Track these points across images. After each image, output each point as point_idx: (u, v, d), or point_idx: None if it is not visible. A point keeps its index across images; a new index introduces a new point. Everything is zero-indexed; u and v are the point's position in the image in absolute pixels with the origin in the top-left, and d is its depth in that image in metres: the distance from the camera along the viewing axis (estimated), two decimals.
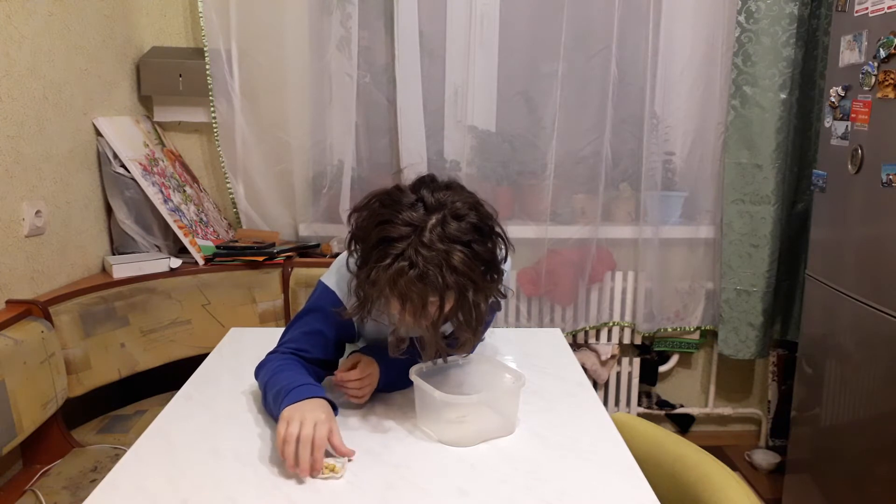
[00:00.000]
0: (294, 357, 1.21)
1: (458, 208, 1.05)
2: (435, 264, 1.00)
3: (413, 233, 1.01)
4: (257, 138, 2.35)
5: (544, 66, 2.39)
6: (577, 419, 1.18)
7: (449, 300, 1.03)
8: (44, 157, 1.83)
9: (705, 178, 2.48)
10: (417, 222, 1.02)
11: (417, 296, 1.01)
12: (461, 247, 1.02)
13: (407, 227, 1.02)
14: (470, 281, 1.03)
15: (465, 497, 0.95)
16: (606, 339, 2.59)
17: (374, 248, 1.03)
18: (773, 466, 2.53)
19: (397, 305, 1.04)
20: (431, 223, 1.02)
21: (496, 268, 1.09)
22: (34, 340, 1.61)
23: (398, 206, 1.04)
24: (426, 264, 1.00)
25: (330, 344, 1.24)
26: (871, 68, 1.72)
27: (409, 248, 1.01)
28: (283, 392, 1.08)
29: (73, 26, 1.96)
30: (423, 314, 1.03)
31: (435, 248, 1.00)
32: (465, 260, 1.02)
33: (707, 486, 0.96)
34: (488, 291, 1.08)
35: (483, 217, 1.07)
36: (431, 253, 1.00)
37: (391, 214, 1.03)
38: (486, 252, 1.06)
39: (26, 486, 1.56)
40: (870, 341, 1.75)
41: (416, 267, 1.00)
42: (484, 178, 2.46)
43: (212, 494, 0.95)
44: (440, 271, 1.00)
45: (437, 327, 1.07)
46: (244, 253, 2.17)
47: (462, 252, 1.02)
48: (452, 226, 1.03)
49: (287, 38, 2.30)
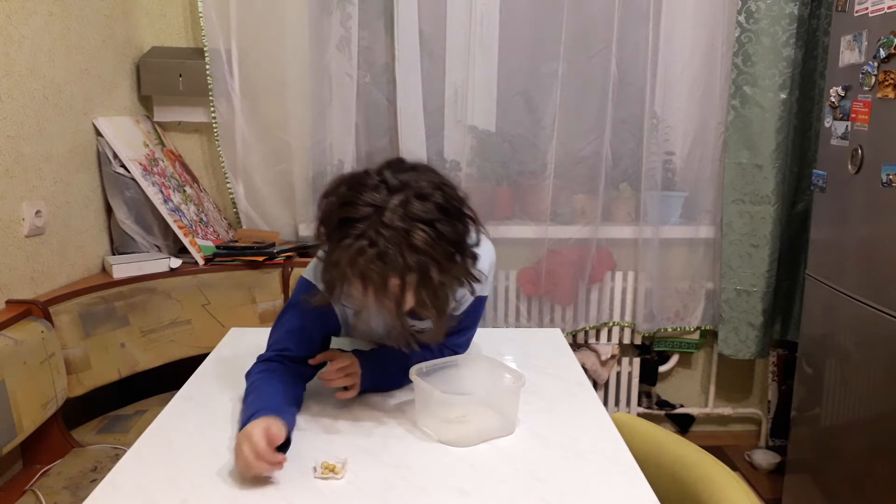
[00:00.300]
0: (276, 364, 1.21)
1: (423, 188, 1.02)
2: (395, 243, 0.97)
3: (374, 213, 0.99)
4: (257, 138, 2.35)
5: (544, 66, 2.39)
6: (577, 419, 1.18)
7: (411, 281, 1.00)
8: (44, 157, 1.83)
9: (705, 178, 2.48)
10: (379, 203, 1.00)
11: (378, 275, 0.98)
12: (423, 226, 0.99)
13: (368, 208, 1.00)
14: (432, 260, 1.00)
15: (465, 497, 0.95)
16: (606, 339, 2.59)
17: (335, 230, 1.02)
18: (773, 466, 2.53)
19: (359, 287, 1.01)
20: (393, 203, 1.00)
21: (464, 249, 1.07)
22: (34, 340, 1.61)
23: (361, 187, 1.02)
24: (386, 243, 0.97)
25: (314, 338, 1.24)
26: (871, 68, 1.72)
27: (370, 229, 0.98)
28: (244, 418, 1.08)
29: (73, 26, 1.96)
30: (385, 295, 1.01)
31: (395, 227, 0.98)
32: (427, 239, 0.99)
33: (707, 486, 0.96)
34: (455, 272, 1.05)
35: (449, 198, 1.05)
36: (391, 232, 0.98)
37: (353, 196, 1.01)
38: (452, 232, 1.03)
39: (26, 486, 1.56)
40: (870, 341, 1.75)
41: (375, 246, 0.98)
42: (484, 178, 2.46)
43: (212, 494, 0.95)
44: (400, 250, 0.97)
45: (401, 308, 1.03)
46: (244, 253, 2.17)
47: (424, 231, 0.99)
48: (415, 205, 1.00)
49: (287, 38, 2.30)
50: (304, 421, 1.16)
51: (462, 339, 1.34)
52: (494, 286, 2.51)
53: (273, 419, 1.02)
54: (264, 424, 1.00)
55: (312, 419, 1.18)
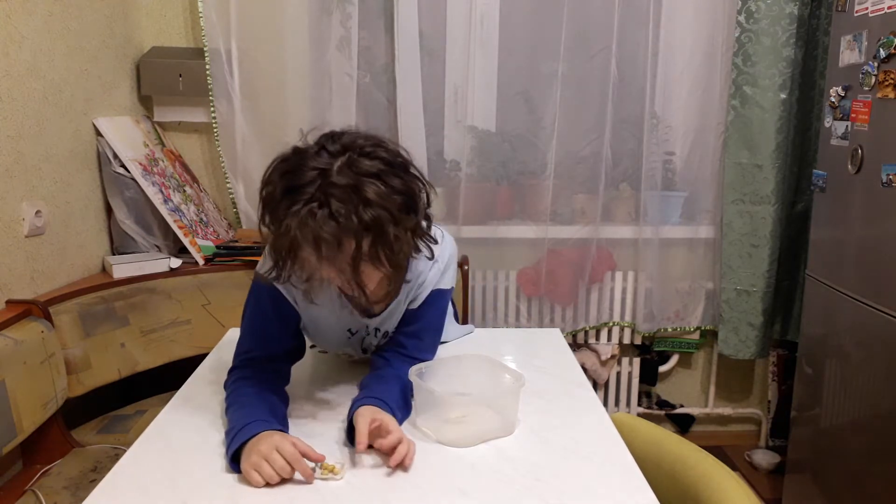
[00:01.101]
0: (247, 371, 1.18)
1: (363, 145, 0.99)
2: (345, 200, 0.93)
3: (319, 175, 0.95)
4: (257, 138, 2.35)
5: (544, 66, 2.39)
6: (577, 419, 1.18)
7: (366, 240, 0.95)
8: (44, 157, 1.83)
9: (705, 178, 2.48)
10: (325, 165, 0.96)
11: (332, 237, 0.93)
12: (372, 179, 0.96)
13: (313, 172, 0.95)
14: (386, 212, 0.96)
15: (465, 497, 0.95)
16: (606, 339, 2.59)
17: (281, 200, 0.96)
18: (773, 466, 2.54)
19: (311, 252, 0.95)
20: (338, 164, 0.96)
21: (415, 203, 1.03)
22: (34, 340, 1.61)
23: (302, 155, 0.99)
24: (338, 202, 0.93)
25: (281, 332, 1.21)
26: (871, 68, 1.72)
27: (318, 191, 0.94)
28: (227, 438, 1.04)
29: (73, 26, 1.96)
30: (339, 258, 0.96)
31: (343, 186, 0.94)
32: (378, 191, 0.95)
33: (707, 486, 0.96)
34: (408, 225, 1.01)
35: (392, 153, 1.02)
36: (341, 190, 0.94)
37: (295, 164, 0.97)
38: (402, 184, 1.00)
39: (26, 486, 1.56)
40: (870, 341, 1.75)
41: (326, 206, 0.93)
42: (484, 178, 2.46)
43: (212, 494, 0.95)
44: (353, 206, 0.93)
45: (357, 271, 0.98)
46: (244, 253, 2.17)
47: (374, 184, 0.96)
48: (362, 162, 0.97)
49: (287, 38, 2.30)
50: (303, 422, 1.16)
51: (425, 344, 1.27)
52: (494, 286, 2.51)
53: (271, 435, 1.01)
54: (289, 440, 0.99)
55: (312, 420, 1.17)
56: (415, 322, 1.25)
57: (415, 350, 1.24)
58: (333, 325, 1.26)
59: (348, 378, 1.33)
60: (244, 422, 1.04)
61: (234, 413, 1.09)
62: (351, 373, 1.36)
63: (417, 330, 1.25)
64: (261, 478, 0.96)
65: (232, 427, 1.05)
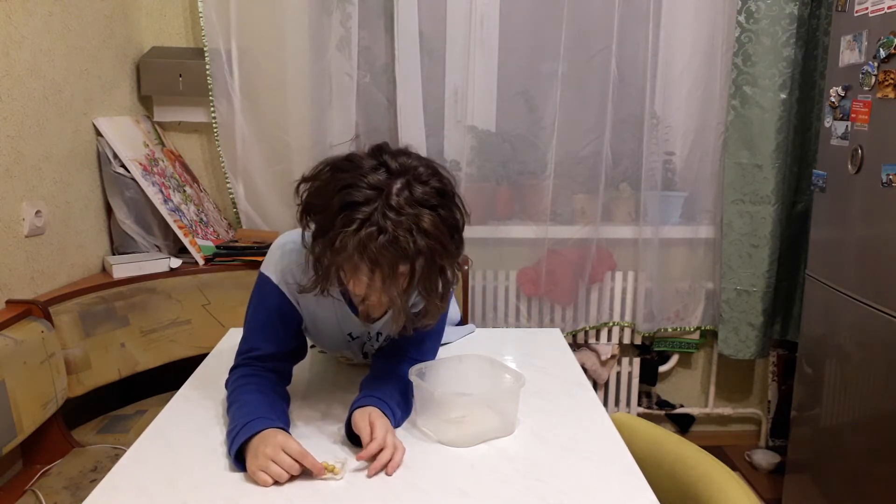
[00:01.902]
0: (248, 369, 1.18)
1: (422, 173, 1.01)
2: (405, 228, 0.95)
3: (379, 196, 0.96)
4: (257, 138, 2.35)
5: (544, 66, 2.39)
6: (577, 419, 1.18)
7: (419, 266, 0.98)
8: (44, 157, 1.83)
9: (705, 178, 2.48)
10: (382, 185, 0.97)
11: (388, 262, 0.95)
12: (429, 211, 0.98)
13: (372, 191, 0.96)
14: (440, 245, 0.98)
15: (465, 497, 0.95)
16: (606, 339, 2.59)
17: (337, 214, 0.97)
18: (773, 466, 2.54)
19: (366, 272, 0.97)
20: (397, 187, 0.97)
21: (460, 234, 1.05)
22: (34, 340, 1.61)
23: (359, 169, 0.99)
24: (396, 229, 0.95)
25: (283, 332, 1.22)
26: (871, 68, 1.72)
27: (377, 213, 0.95)
28: (230, 441, 1.05)
29: (73, 26, 1.96)
30: (392, 282, 0.98)
31: (404, 213, 0.96)
32: (434, 222, 0.97)
33: (707, 486, 0.96)
34: (455, 257, 1.04)
35: (445, 182, 1.03)
36: (401, 217, 0.95)
37: (353, 178, 0.98)
38: (451, 217, 1.02)
39: (26, 486, 1.56)
40: (870, 341, 1.75)
41: (385, 232, 0.94)
42: (484, 178, 2.46)
43: (212, 494, 0.95)
44: (411, 235, 0.95)
45: (408, 295, 1.01)
46: (244, 253, 2.17)
47: (430, 216, 0.98)
48: (418, 189, 0.98)
49: (287, 38, 2.29)
50: (303, 422, 1.16)
51: (426, 347, 1.28)
52: (494, 286, 2.51)
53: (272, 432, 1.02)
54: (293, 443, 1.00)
55: (312, 420, 1.17)
56: (416, 325, 1.24)
57: (415, 353, 1.24)
58: (335, 329, 1.26)
59: (348, 379, 1.33)
60: (246, 419, 1.04)
61: (237, 411, 1.10)
62: (351, 373, 1.36)
63: (420, 335, 1.24)
64: (269, 478, 0.97)
65: (234, 425, 1.05)
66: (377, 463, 1.00)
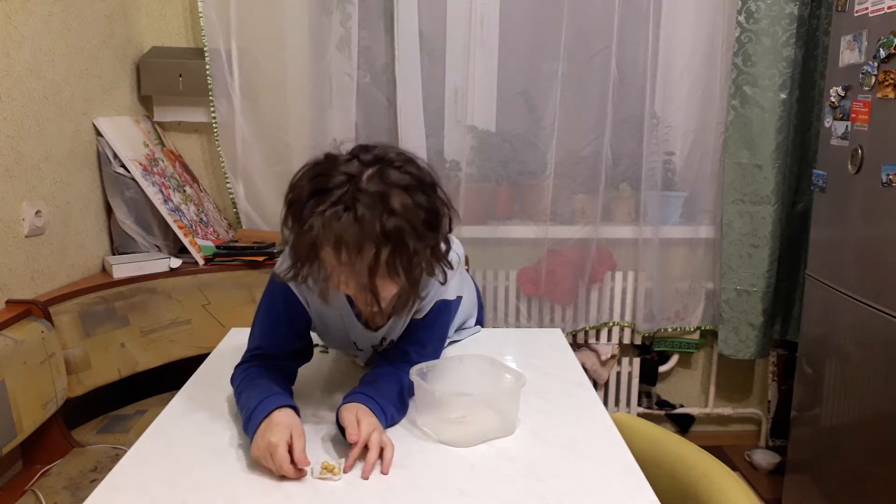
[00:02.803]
0: (255, 365, 1.19)
1: (394, 160, 1.02)
2: (371, 206, 0.95)
3: (349, 181, 0.97)
4: (257, 138, 2.35)
5: (544, 66, 2.39)
6: (577, 419, 1.18)
7: (386, 249, 0.97)
8: (44, 157, 1.83)
9: (705, 178, 2.48)
10: (355, 172, 0.98)
11: (353, 240, 0.95)
12: (401, 191, 0.98)
13: (343, 177, 0.98)
14: (409, 225, 0.97)
15: (465, 497, 0.95)
16: (606, 339, 2.59)
17: (308, 200, 0.99)
18: (773, 466, 2.54)
19: (332, 254, 0.98)
20: (368, 173, 0.98)
21: (438, 222, 1.04)
22: (34, 340, 1.61)
23: (333, 162, 1.01)
24: (363, 208, 0.95)
25: (291, 332, 1.23)
26: (871, 68, 1.72)
27: (346, 195, 0.96)
28: (245, 421, 1.08)
29: (73, 26, 1.96)
30: (358, 262, 0.97)
31: (371, 192, 0.96)
32: (404, 203, 0.97)
33: (707, 486, 0.96)
34: (429, 242, 1.03)
35: (423, 173, 1.04)
36: (369, 196, 0.96)
37: (326, 169, 1.00)
38: (427, 202, 1.01)
39: (26, 486, 1.56)
40: (870, 341, 1.75)
41: (351, 210, 0.95)
42: (484, 178, 2.46)
43: (212, 494, 0.95)
44: (378, 214, 0.95)
45: (374, 277, 0.99)
46: (244, 253, 2.17)
47: (401, 195, 0.98)
48: (391, 173, 0.99)
49: (287, 38, 2.30)
50: (303, 422, 1.16)
51: (428, 351, 1.26)
52: (494, 286, 2.51)
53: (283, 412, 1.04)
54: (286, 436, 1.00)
55: (311, 419, 1.17)
56: (419, 331, 1.25)
57: (417, 357, 1.24)
58: (342, 333, 1.27)
59: (349, 379, 1.33)
60: (260, 398, 1.07)
61: (247, 393, 1.11)
62: (352, 374, 1.36)
63: (421, 338, 1.25)
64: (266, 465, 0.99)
65: (247, 405, 1.08)
66: (367, 464, 1.00)
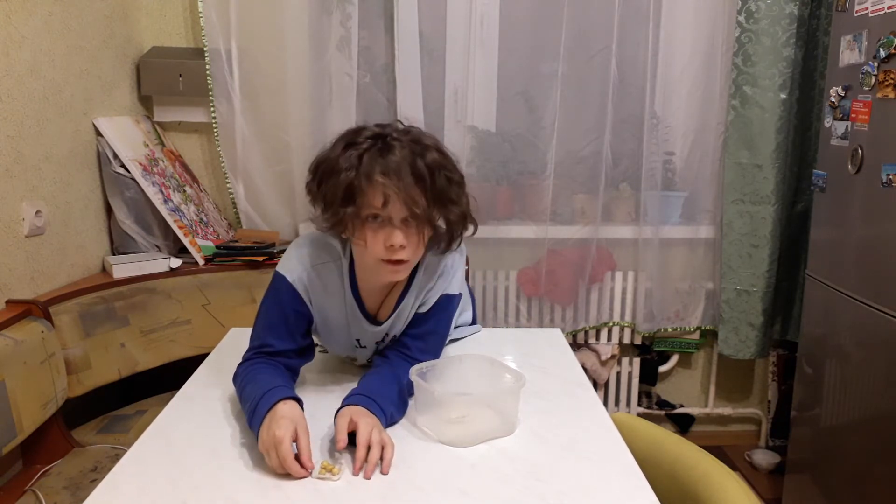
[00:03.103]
0: (258, 361, 1.19)
1: (422, 136, 1.11)
2: (407, 146, 1.06)
3: (380, 135, 1.07)
4: (257, 138, 2.35)
5: (544, 66, 2.39)
6: (577, 419, 1.18)
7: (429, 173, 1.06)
8: (44, 157, 1.83)
9: (705, 178, 2.48)
10: (381, 133, 1.08)
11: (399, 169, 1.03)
12: (432, 149, 1.09)
13: (373, 130, 1.08)
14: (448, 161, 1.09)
15: (465, 497, 0.95)
16: (606, 339, 2.59)
17: (339, 157, 1.07)
18: (773, 466, 2.54)
19: (380, 187, 1.04)
20: (395, 132, 1.09)
21: (462, 183, 1.14)
22: (34, 340, 1.61)
23: (361, 130, 1.10)
24: (400, 147, 1.05)
25: (293, 331, 1.23)
26: (871, 68, 1.72)
27: (379, 140, 1.06)
28: (249, 414, 1.08)
29: (73, 26, 1.96)
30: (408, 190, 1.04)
31: (405, 140, 1.07)
32: (438, 148, 1.08)
33: (707, 486, 0.96)
34: (460, 181, 1.13)
35: (447, 155, 1.13)
36: (401, 142, 1.06)
37: (355, 131, 1.10)
38: (453, 166, 1.12)
39: (26, 486, 1.56)
40: (870, 341, 1.75)
41: (391, 148, 1.05)
42: (484, 178, 2.46)
43: (212, 494, 0.95)
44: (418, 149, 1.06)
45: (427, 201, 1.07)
46: (244, 253, 2.17)
47: (432, 144, 1.09)
48: (416, 133, 1.10)
49: (287, 38, 2.30)
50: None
51: (429, 347, 1.26)
52: (494, 286, 2.51)
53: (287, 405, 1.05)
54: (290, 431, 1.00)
55: (310, 419, 1.17)
56: (421, 325, 1.26)
57: (417, 352, 1.24)
58: (344, 333, 1.28)
59: (350, 379, 1.33)
60: (263, 391, 1.08)
61: (251, 387, 1.12)
62: (352, 374, 1.36)
63: (423, 333, 1.26)
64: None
65: (251, 398, 1.08)
66: (370, 464, 1.00)
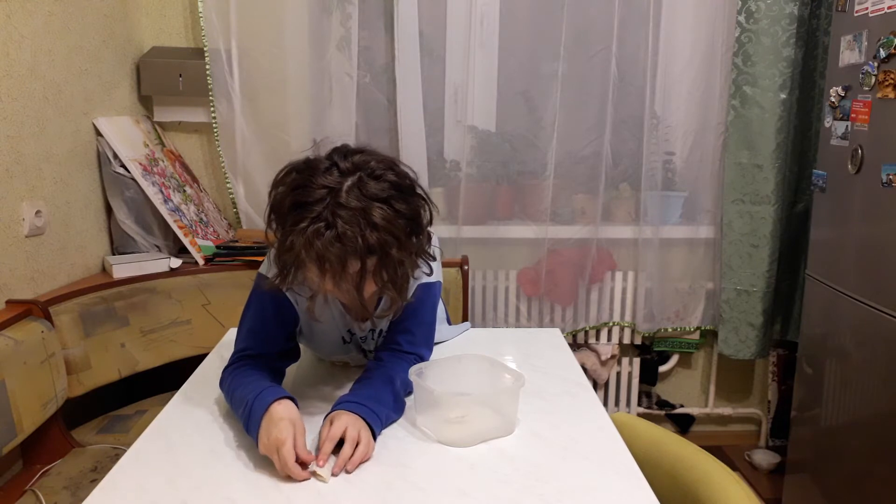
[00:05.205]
0: (243, 365, 1.19)
1: (374, 167, 1.02)
2: (353, 223, 0.96)
3: (329, 195, 0.97)
4: (257, 138, 2.35)
5: (544, 66, 2.39)
6: (577, 419, 1.18)
7: (371, 261, 0.98)
8: (44, 157, 1.83)
9: (705, 178, 2.48)
10: (333, 185, 0.98)
11: (336, 258, 0.96)
12: (380, 203, 0.99)
13: (323, 190, 0.98)
14: (392, 237, 0.99)
15: (465, 497, 0.95)
16: (606, 339, 2.59)
17: (289, 214, 0.99)
18: (773, 466, 2.54)
19: (315, 271, 0.99)
20: (348, 184, 0.98)
21: (420, 226, 1.06)
22: (34, 340, 1.61)
23: (313, 171, 1.01)
24: (344, 224, 0.96)
25: (277, 333, 1.22)
26: (871, 68, 1.72)
27: (326, 211, 0.96)
28: (244, 419, 1.07)
29: (73, 26, 1.96)
30: (342, 278, 0.98)
31: (352, 207, 0.96)
32: (385, 216, 0.98)
33: (707, 486, 0.96)
34: (412, 249, 1.05)
35: (401, 175, 1.04)
36: (349, 212, 0.96)
37: (305, 179, 1.00)
38: (408, 209, 1.03)
39: (26, 486, 1.56)
40: (870, 341, 1.74)
41: (333, 227, 0.96)
42: (484, 178, 2.46)
43: (212, 494, 0.95)
44: (360, 230, 0.96)
45: (361, 291, 1.01)
46: (244, 253, 2.17)
47: (382, 209, 0.98)
48: (370, 185, 0.99)
49: (287, 38, 2.30)
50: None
51: (417, 339, 1.27)
52: (494, 286, 2.51)
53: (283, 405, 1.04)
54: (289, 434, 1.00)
55: (310, 419, 1.17)
56: (405, 318, 1.25)
57: (407, 345, 1.25)
58: (332, 328, 1.27)
59: (343, 380, 1.33)
60: (255, 393, 1.07)
61: (241, 391, 1.11)
62: (346, 375, 1.36)
63: (408, 325, 1.26)
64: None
65: (243, 401, 1.08)
66: (339, 458, 1.00)
